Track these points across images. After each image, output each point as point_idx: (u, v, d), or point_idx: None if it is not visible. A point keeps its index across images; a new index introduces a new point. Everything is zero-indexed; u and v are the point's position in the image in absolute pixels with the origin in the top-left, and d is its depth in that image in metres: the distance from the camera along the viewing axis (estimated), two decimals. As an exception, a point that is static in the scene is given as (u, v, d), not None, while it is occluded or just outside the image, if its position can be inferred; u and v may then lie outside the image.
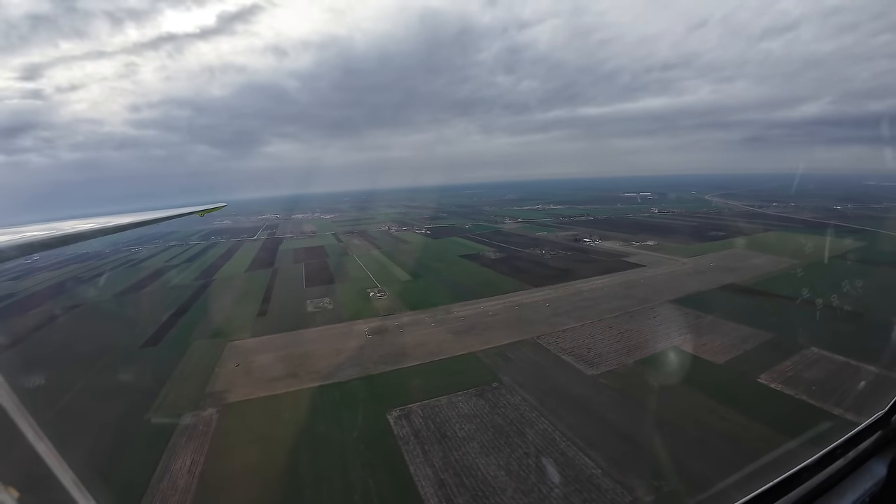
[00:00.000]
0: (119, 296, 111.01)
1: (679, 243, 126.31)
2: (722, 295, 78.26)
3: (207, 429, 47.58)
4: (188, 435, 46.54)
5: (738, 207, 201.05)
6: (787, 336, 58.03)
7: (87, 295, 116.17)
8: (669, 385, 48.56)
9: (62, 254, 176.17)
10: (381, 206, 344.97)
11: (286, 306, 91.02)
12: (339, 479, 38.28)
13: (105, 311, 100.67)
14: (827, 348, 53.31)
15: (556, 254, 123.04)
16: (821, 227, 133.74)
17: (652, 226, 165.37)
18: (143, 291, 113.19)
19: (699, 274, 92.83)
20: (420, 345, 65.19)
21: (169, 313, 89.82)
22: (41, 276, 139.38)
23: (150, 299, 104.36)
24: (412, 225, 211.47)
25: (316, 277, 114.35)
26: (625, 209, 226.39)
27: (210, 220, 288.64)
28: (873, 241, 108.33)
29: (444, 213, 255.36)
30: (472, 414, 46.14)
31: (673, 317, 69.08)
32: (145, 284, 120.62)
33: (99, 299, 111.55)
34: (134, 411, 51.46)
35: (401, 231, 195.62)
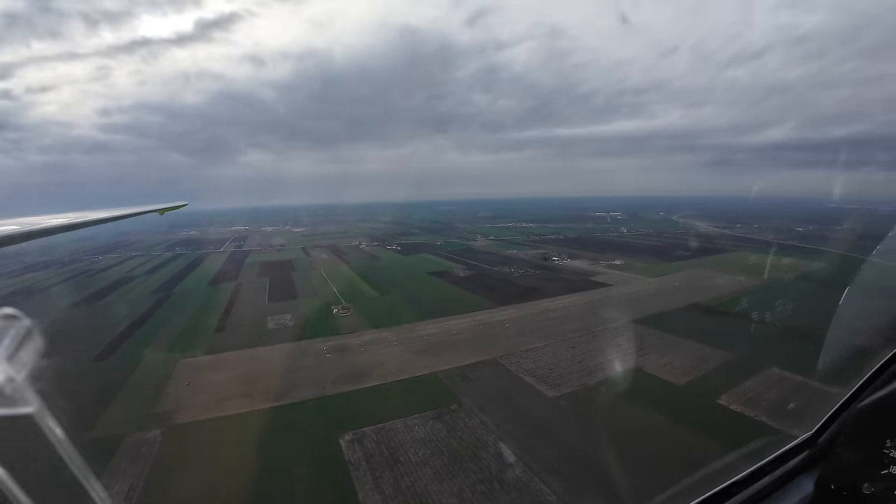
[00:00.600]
0: (73, 307, 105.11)
1: (645, 263, 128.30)
2: (685, 315, 79.20)
3: (150, 451, 44.57)
4: (129, 458, 43.52)
5: (703, 228, 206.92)
6: (748, 356, 58.59)
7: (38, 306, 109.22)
8: (630, 407, 47.98)
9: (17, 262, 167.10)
10: (354, 220, 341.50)
11: (245, 322, 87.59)
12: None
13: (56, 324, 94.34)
14: (787, 368, 53.85)
15: (524, 272, 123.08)
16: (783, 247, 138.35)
17: (620, 245, 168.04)
18: (98, 303, 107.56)
19: (664, 293, 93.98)
20: (380, 364, 63.21)
21: (123, 327, 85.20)
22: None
23: (105, 312, 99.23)
24: (383, 240, 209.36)
25: (280, 292, 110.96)
26: (595, 228, 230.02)
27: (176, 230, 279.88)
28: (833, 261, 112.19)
29: (416, 229, 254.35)
30: (427, 438, 44.44)
31: (636, 337, 69.06)
32: (102, 296, 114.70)
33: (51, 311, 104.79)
34: (75, 431, 47.07)
35: (371, 246, 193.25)
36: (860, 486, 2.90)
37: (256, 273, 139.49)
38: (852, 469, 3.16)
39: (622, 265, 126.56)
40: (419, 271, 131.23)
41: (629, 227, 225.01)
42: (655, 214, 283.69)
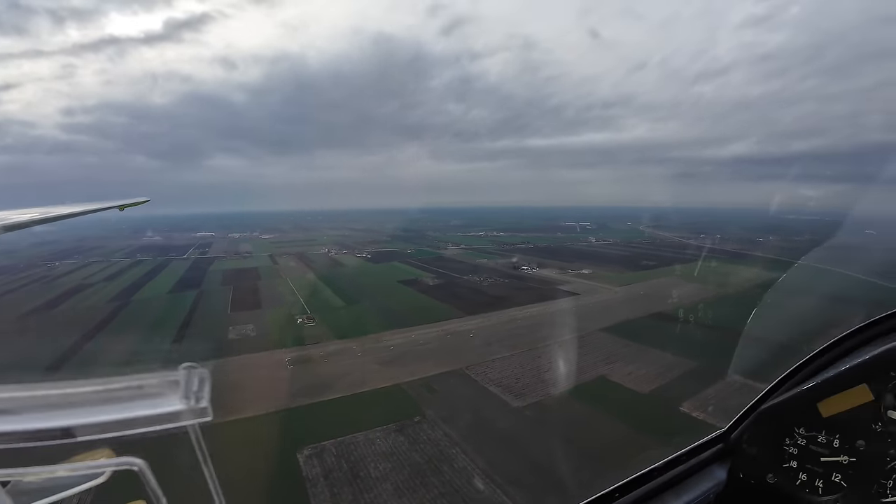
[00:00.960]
0: (21, 318, 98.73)
1: (612, 272, 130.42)
2: (650, 323, 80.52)
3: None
4: None
5: (669, 238, 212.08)
6: (711, 364, 59.64)
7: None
8: (594, 416, 48.16)
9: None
10: (325, 227, 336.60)
11: (205, 333, 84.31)
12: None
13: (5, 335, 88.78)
14: (749, 376, 54.96)
15: (493, 281, 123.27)
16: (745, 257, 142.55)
17: (588, 254, 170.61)
18: (50, 313, 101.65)
19: (630, 302, 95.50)
20: (343, 376, 61.64)
21: (74, 339, 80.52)
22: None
23: (56, 322, 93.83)
24: (354, 248, 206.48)
25: (243, 302, 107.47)
26: (565, 238, 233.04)
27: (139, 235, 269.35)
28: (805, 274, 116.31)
29: (387, 237, 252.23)
30: (389, 451, 43.31)
31: (602, 345, 69.84)
32: (55, 305, 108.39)
33: None
34: None
35: (341, 254, 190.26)
36: (764, 477, 3.47)
37: (220, 281, 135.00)
38: (757, 462, 3.62)
39: (590, 274, 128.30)
40: (388, 280, 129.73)
41: (598, 237, 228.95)
42: (623, 224, 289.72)
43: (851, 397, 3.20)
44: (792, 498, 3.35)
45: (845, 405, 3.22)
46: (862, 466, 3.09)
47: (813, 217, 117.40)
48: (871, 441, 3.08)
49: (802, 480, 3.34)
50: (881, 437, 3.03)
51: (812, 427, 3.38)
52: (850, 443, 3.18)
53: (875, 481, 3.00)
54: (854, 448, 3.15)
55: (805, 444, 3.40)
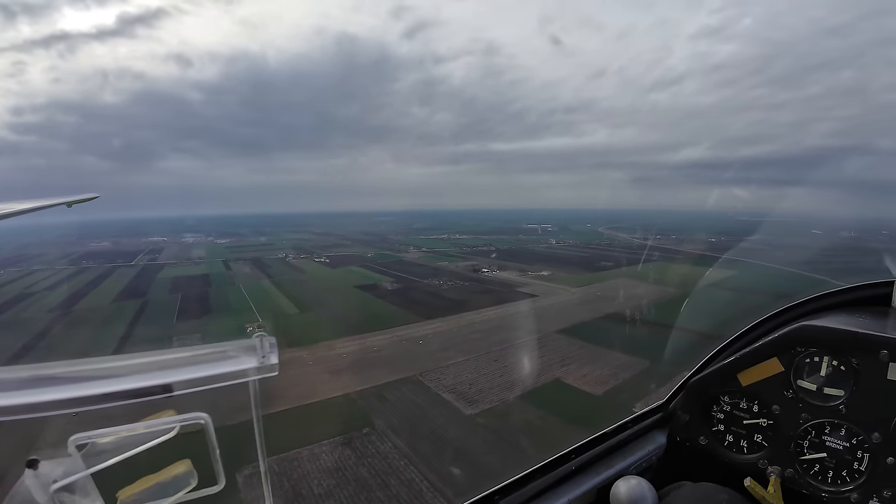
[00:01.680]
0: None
1: (570, 273, 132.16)
2: (606, 324, 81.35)
3: None
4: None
5: (626, 240, 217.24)
6: (665, 365, 60.31)
7: None
8: (548, 421, 47.60)
9: None
10: (284, 231, 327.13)
11: (145, 345, 79.18)
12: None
13: None
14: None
15: (453, 284, 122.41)
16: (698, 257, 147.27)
17: (548, 256, 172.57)
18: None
19: (586, 303, 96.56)
20: (291, 387, 58.74)
21: (10, 353, 74.03)
22: None
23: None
24: (312, 252, 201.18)
25: (190, 311, 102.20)
26: (526, 240, 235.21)
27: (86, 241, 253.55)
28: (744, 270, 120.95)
29: (348, 241, 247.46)
30: (334, 467, 41.32)
31: (558, 347, 69.90)
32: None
33: None
34: None
35: (298, 259, 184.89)
36: (697, 439, 3.89)
37: (168, 289, 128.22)
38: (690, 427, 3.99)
39: (549, 276, 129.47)
40: (345, 285, 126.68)
41: (558, 239, 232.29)
42: (583, 227, 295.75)
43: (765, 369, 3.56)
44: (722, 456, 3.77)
45: (760, 375, 3.58)
46: (779, 428, 3.43)
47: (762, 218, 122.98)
48: (784, 406, 3.44)
49: (729, 441, 3.74)
50: (792, 402, 3.39)
51: (734, 395, 3.76)
52: (766, 407, 3.53)
53: (792, 440, 3.34)
54: (770, 412, 3.50)
55: (729, 409, 3.78)
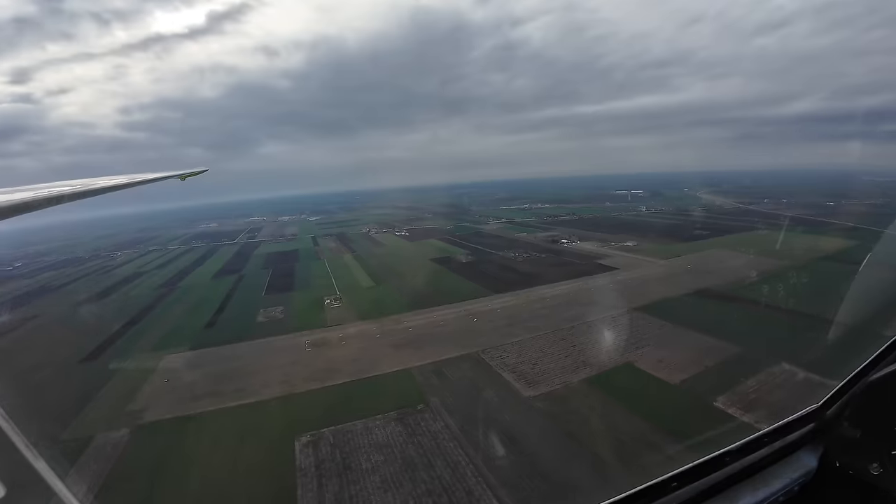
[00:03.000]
0: (80, 305, 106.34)
1: (659, 244, 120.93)
2: (693, 301, 73.05)
3: (114, 452, 43.77)
4: (94, 457, 42.80)
5: (727, 205, 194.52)
6: (757, 350, 52.58)
7: (50, 304, 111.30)
8: (612, 410, 43.36)
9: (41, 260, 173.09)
10: (369, 207, 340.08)
11: (237, 316, 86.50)
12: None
13: (61, 322, 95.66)
14: (798, 364, 47.72)
15: (528, 256, 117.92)
16: (812, 224, 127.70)
17: (635, 225, 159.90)
18: (104, 300, 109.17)
19: (673, 277, 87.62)
20: (356, 360, 60.40)
21: (121, 324, 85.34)
22: (12, 284, 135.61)
23: (108, 309, 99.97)
24: (393, 226, 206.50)
25: (278, 285, 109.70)
26: (613, 208, 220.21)
27: (196, 223, 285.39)
28: (868, 239, 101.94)
29: (429, 214, 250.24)
30: (384, 443, 41.33)
31: (634, 327, 63.86)
32: (110, 293, 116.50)
33: (59, 309, 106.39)
34: (51, 430, 47.25)
35: (380, 233, 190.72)
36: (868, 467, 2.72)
37: (261, 264, 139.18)
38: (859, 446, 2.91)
39: (634, 247, 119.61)
40: (421, 258, 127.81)
41: (649, 206, 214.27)
42: (679, 191, 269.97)
43: None
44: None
45: None
46: None
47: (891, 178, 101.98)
48: None
49: None
50: None
51: None
52: None
53: None
54: None
55: None
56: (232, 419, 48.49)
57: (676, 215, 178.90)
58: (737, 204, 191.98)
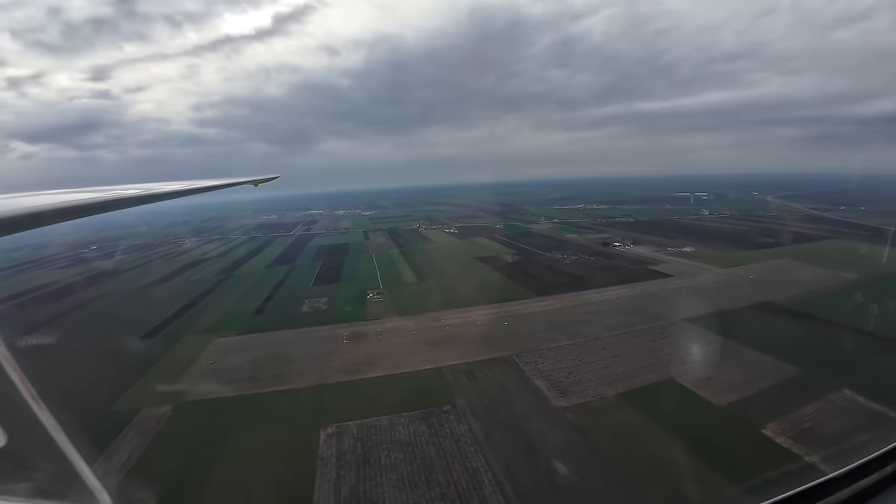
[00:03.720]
0: (145, 287, 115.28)
1: (720, 250, 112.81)
2: (751, 315, 67.29)
3: (156, 426, 46.98)
4: (138, 429, 46.24)
5: (799, 210, 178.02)
6: (817, 373, 47.58)
7: (118, 285, 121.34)
8: (647, 429, 40.44)
9: (114, 245, 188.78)
10: (423, 203, 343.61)
11: (283, 305, 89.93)
12: (240, 494, 35.84)
13: (126, 302, 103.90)
14: (863, 392, 42.65)
15: (577, 259, 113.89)
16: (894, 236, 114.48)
17: (695, 229, 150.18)
18: (167, 284, 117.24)
19: (732, 287, 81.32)
20: (389, 354, 60.76)
21: (179, 306, 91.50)
22: (87, 266, 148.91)
23: (169, 292, 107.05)
24: (443, 223, 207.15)
25: (325, 276, 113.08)
26: (673, 210, 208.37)
27: (259, 214, 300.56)
28: None
29: (481, 212, 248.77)
30: (406, 440, 41.13)
31: (683, 339, 59.81)
32: (172, 277, 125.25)
33: (126, 290, 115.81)
34: (104, 400, 52.11)
35: (429, 229, 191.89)
36: None
37: (313, 256, 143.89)
38: None
39: (691, 253, 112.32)
40: (467, 256, 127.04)
41: (712, 209, 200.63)
42: (747, 195, 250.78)
43: None
44: None
45: None
46: None
47: None
48: None
49: None
50: None
51: None
52: None
53: None
54: None
55: None
56: (265, 404, 50.37)
57: (742, 220, 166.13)
58: (810, 210, 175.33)
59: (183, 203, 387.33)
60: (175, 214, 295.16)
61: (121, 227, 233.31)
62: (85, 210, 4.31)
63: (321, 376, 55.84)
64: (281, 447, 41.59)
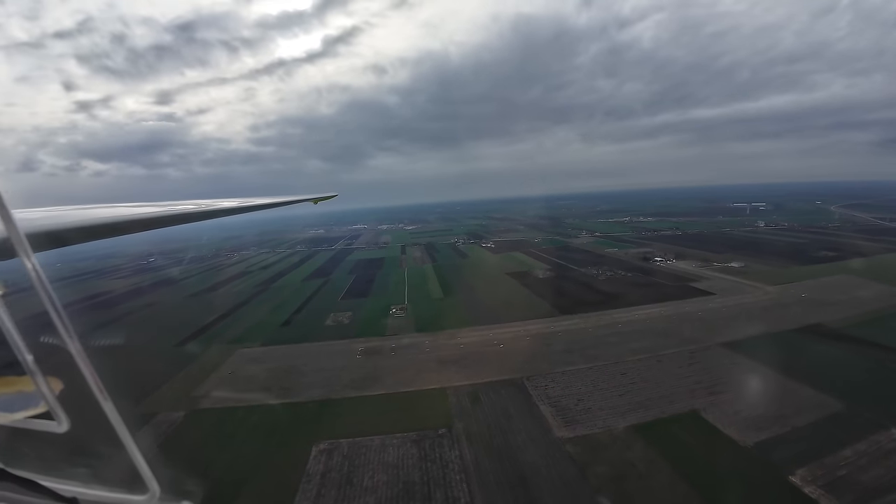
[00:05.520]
0: (190, 298, 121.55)
1: (771, 266, 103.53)
2: (797, 339, 60.43)
3: (166, 431, 48.94)
4: (148, 433, 48.23)
5: (865, 221, 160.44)
6: (864, 408, 41.63)
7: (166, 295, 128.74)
8: (654, 470, 36.31)
9: (171, 257, 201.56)
10: (466, 217, 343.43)
11: (309, 318, 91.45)
12: None
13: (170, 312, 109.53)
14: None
15: (612, 275, 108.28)
16: None
17: (747, 242, 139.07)
18: (210, 295, 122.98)
19: (780, 308, 73.91)
20: (398, 371, 59.76)
21: (215, 316, 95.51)
22: (142, 276, 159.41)
23: (210, 303, 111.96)
24: (482, 237, 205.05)
25: (355, 290, 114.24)
26: (725, 222, 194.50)
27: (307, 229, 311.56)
28: None
29: (522, 226, 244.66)
30: (393, 463, 39.72)
31: (714, 366, 54.52)
32: (216, 288, 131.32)
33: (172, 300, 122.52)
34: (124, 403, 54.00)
35: (467, 244, 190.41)
36: None
37: (348, 270, 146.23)
38: None
39: (739, 268, 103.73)
40: (498, 271, 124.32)
41: (769, 220, 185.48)
42: (809, 204, 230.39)
43: None
44: None
45: None
46: None
47: None
48: None
49: None
50: None
51: None
52: None
53: None
54: None
55: None
56: (269, 416, 50.96)
57: (800, 232, 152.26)
58: (878, 221, 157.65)
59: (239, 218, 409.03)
60: (233, 228, 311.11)
61: (182, 239, 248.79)
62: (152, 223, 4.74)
63: (327, 391, 55.67)
64: (271, 459, 41.94)
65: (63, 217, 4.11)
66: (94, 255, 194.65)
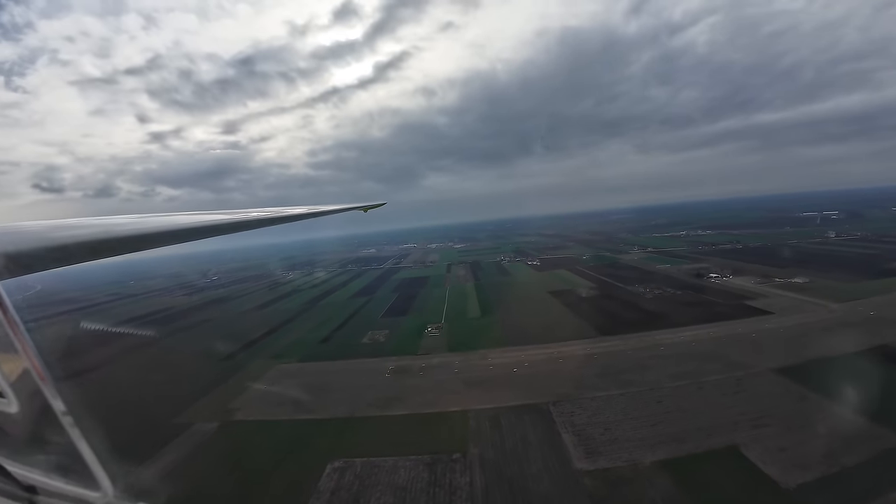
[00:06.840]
0: (241, 314, 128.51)
1: (839, 280, 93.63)
2: (860, 365, 53.81)
3: (199, 441, 52.25)
4: (182, 442, 51.85)
5: None
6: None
7: (220, 311, 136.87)
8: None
9: (231, 275, 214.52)
10: (515, 234, 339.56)
11: (348, 335, 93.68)
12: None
13: (221, 327, 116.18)
14: None
15: (660, 293, 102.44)
16: None
17: (814, 256, 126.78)
18: (260, 311, 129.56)
19: (845, 327, 66.59)
20: (423, 392, 59.55)
21: (261, 332, 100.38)
22: (202, 294, 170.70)
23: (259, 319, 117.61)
24: (528, 255, 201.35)
25: (396, 308, 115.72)
26: (791, 234, 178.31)
27: (359, 249, 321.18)
28: None
29: (571, 242, 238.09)
30: (402, 485, 39.49)
31: (762, 394, 49.81)
32: (267, 305, 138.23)
33: (225, 316, 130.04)
34: (169, 413, 59.21)
35: (512, 262, 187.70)
36: None
37: (393, 289, 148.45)
38: None
39: (803, 284, 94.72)
40: (540, 290, 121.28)
41: (841, 230, 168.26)
42: (886, 211, 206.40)
43: None
44: None
45: None
46: None
47: None
48: None
49: None
50: None
51: None
52: None
53: None
54: None
55: None
56: (293, 431, 52.38)
57: (874, 243, 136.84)
58: None
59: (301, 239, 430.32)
60: (291, 248, 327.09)
61: (243, 258, 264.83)
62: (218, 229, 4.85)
63: (351, 409, 56.44)
64: (287, 474, 43.50)
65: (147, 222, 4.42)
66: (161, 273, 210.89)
